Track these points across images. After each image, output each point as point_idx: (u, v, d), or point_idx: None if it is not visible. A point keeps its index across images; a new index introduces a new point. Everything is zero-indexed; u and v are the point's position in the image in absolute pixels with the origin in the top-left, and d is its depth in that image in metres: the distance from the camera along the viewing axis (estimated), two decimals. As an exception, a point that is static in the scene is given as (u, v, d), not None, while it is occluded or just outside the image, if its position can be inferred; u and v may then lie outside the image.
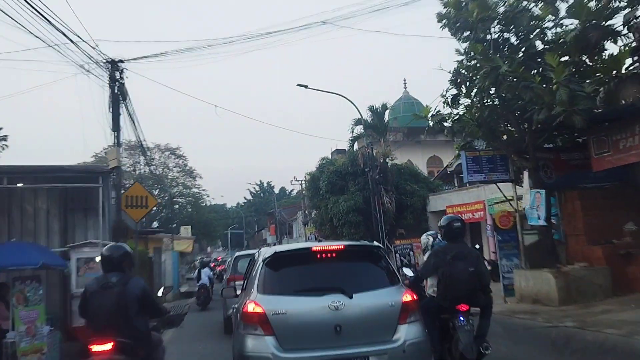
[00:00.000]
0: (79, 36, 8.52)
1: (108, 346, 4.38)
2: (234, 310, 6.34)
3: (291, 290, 4.92)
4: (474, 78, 12.74)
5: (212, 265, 30.88)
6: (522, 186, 13.80)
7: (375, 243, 5.71)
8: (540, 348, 7.93)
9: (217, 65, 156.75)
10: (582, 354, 7.53)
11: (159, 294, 16.03)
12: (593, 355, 7.40)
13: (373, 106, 25.27)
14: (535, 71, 11.30)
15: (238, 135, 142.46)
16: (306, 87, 22.90)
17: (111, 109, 9.62)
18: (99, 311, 4.58)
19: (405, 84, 39.72)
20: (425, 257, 7.42)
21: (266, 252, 5.37)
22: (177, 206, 54.92)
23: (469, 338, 5.55)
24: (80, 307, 4.83)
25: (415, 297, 5.05)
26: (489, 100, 12.37)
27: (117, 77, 9.59)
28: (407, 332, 4.77)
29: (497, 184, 13.83)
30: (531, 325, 9.40)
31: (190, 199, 55.31)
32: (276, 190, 79.22)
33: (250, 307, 4.76)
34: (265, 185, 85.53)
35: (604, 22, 9.60)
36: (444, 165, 30.09)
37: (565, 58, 10.82)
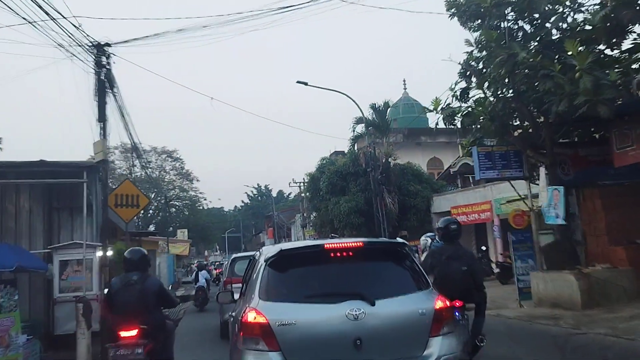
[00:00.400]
0: (59, 12, 7.73)
1: (133, 332, 5.36)
2: (231, 319, 5.50)
3: (300, 295, 4.13)
4: (484, 70, 12.07)
5: (209, 268, 31.32)
6: (536, 184, 13.07)
7: (400, 240, 5.01)
8: None
9: (214, 54, 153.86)
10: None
11: None
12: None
13: (375, 104, 24.59)
14: (554, 60, 10.56)
15: (235, 136, 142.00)
16: (306, 84, 22.18)
17: (97, 98, 8.82)
18: (124, 305, 5.51)
19: (404, 84, 39.18)
20: (423, 257, 7.50)
21: (269, 250, 4.59)
22: (174, 210, 54.31)
23: (464, 332, 5.59)
24: (106, 302, 5.82)
25: (449, 303, 4.31)
26: (503, 92, 11.61)
27: (104, 63, 8.79)
28: (441, 347, 3.98)
29: (511, 181, 13.06)
30: (557, 333, 8.58)
31: (187, 202, 54.75)
32: (274, 194, 78.58)
33: (251, 317, 3.94)
34: (263, 188, 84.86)
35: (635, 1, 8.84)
36: (444, 167, 29.66)
37: (581, 48, 10.10)
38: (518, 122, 12.72)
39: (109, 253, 11.35)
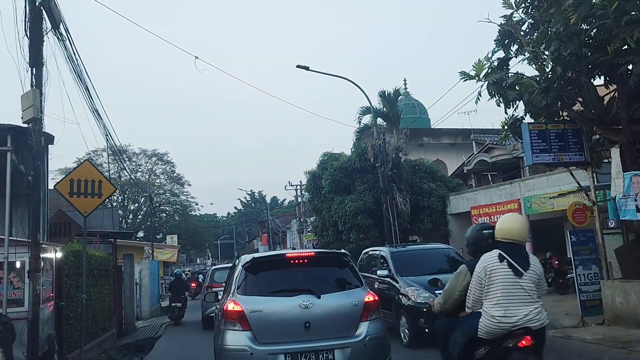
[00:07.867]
0: None
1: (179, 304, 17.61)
2: (217, 309, 7.06)
3: (267, 291, 5.74)
4: (528, 37, 9.82)
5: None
6: (596, 170, 10.62)
7: (343, 251, 6.91)
8: None
9: (211, 50, 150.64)
10: None
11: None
12: None
13: (384, 92, 22.03)
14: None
15: (228, 139, 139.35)
16: (307, 68, 19.65)
17: (28, 32, 6.20)
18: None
19: (405, 84, 36.72)
20: None
21: (245, 258, 6.21)
22: (164, 215, 51.81)
23: None
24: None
25: (376, 297, 5.90)
26: (567, 52, 9.07)
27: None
28: (368, 328, 5.60)
29: (570, 168, 10.55)
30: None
31: (177, 207, 52.30)
32: (267, 200, 76.15)
33: (230, 306, 5.54)
34: (256, 195, 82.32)
35: None
36: (448, 170, 27.73)
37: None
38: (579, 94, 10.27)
39: (58, 255, 8.75)
